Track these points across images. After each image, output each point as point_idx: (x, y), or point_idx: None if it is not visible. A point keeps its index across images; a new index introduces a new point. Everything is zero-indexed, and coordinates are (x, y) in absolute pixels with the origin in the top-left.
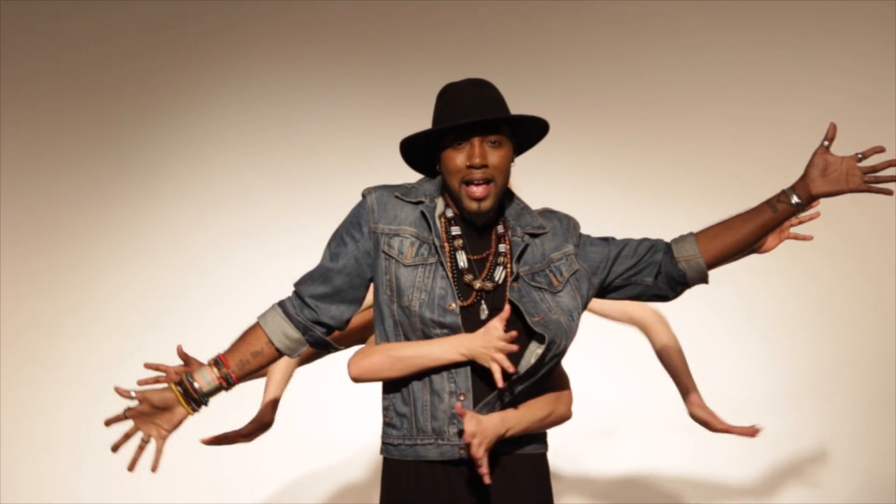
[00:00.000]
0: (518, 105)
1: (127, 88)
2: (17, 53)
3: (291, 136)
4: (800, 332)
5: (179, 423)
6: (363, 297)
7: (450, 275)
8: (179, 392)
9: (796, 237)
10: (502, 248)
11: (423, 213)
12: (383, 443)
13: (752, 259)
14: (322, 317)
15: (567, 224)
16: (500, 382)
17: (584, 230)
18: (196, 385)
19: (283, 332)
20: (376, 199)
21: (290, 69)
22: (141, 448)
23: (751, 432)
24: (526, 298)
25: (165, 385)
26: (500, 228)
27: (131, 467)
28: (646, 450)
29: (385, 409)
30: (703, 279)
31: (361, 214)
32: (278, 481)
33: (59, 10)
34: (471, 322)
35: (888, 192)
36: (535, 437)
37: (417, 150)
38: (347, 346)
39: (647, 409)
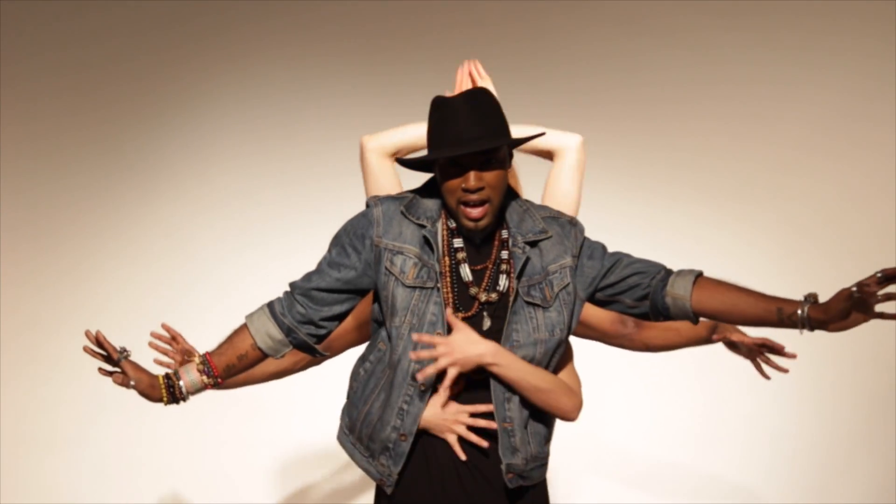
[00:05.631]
0: (517, 105)
1: (127, 88)
2: (17, 53)
3: (291, 136)
4: (799, 332)
5: (149, 400)
6: (352, 309)
7: (448, 296)
8: (165, 385)
9: (771, 365)
10: (504, 254)
11: (425, 238)
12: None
13: (751, 259)
14: (313, 317)
15: (569, 231)
16: (461, 455)
17: (587, 232)
18: (182, 385)
19: (267, 331)
20: (382, 212)
21: (290, 69)
22: (113, 377)
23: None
24: (517, 317)
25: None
26: (504, 233)
27: (88, 350)
28: (645, 448)
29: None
30: (690, 320)
31: (366, 225)
32: (279, 480)
33: (59, 10)
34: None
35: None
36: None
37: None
38: (340, 348)
39: (648, 407)
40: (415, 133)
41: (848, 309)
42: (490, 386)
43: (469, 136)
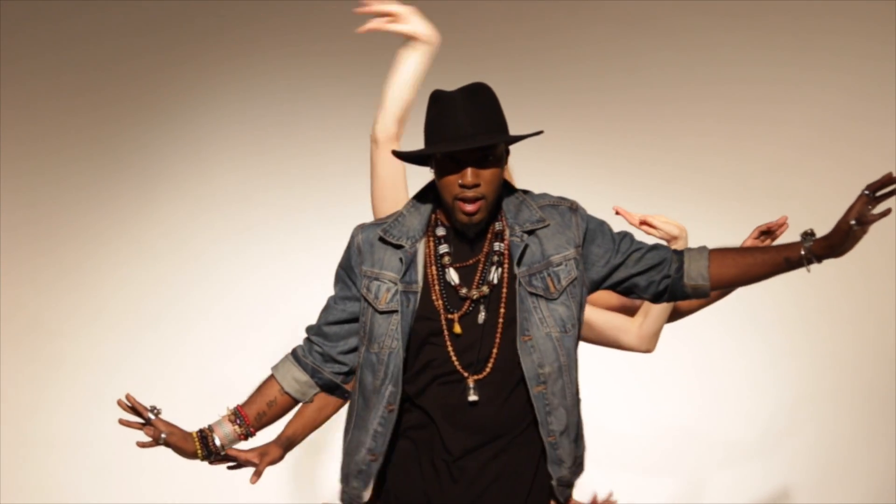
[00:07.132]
0: (518, 104)
1: (127, 88)
2: (17, 53)
3: (291, 136)
4: (800, 333)
5: (181, 454)
6: None
7: (439, 303)
8: (199, 438)
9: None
10: (498, 246)
11: (402, 259)
12: None
13: None
14: (331, 353)
15: (569, 220)
16: None
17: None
18: (216, 439)
19: (293, 375)
20: (363, 240)
21: (290, 69)
22: (144, 429)
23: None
24: (523, 305)
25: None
26: (498, 225)
27: (124, 422)
28: (644, 448)
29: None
30: (706, 297)
31: (351, 256)
32: (279, 480)
33: (59, 10)
34: (469, 328)
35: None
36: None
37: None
38: None
39: (647, 407)
40: (399, 86)
41: (848, 240)
42: (531, 400)
43: (467, 132)
